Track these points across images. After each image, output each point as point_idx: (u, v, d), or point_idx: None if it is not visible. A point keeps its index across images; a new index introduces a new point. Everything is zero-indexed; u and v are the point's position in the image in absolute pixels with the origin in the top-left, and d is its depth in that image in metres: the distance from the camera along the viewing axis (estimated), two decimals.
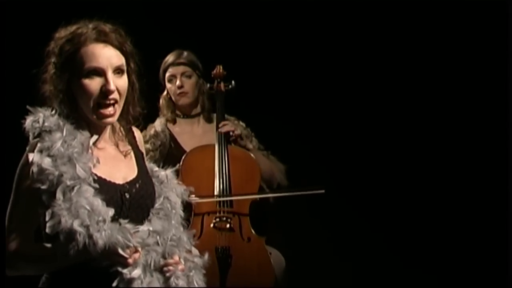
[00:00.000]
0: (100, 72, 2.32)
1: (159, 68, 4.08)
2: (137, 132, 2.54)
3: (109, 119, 2.35)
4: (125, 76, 2.37)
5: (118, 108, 2.36)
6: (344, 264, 4.72)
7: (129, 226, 2.25)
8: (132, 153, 2.46)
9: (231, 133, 3.99)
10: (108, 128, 2.42)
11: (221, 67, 4.12)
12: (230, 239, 3.81)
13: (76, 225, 2.19)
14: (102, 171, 2.32)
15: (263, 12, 4.68)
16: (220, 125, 4.02)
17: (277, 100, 4.72)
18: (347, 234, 4.71)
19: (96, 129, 2.39)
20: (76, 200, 2.21)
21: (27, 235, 2.30)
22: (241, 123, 4.14)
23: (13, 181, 2.31)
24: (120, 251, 2.20)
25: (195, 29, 4.54)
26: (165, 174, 2.53)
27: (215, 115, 4.11)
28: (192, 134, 4.11)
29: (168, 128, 4.09)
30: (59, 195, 2.21)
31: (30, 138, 2.32)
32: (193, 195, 3.54)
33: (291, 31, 4.76)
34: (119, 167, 2.40)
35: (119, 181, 2.36)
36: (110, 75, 2.32)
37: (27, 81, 2.40)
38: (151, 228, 2.35)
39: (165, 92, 4.10)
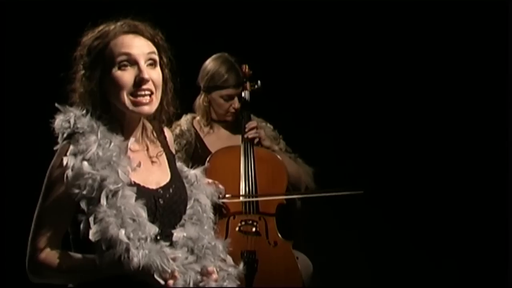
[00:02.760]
0: (132, 62, 2.23)
1: (198, 70, 3.97)
2: (168, 133, 2.46)
3: (146, 108, 2.24)
4: (158, 69, 2.28)
5: (155, 100, 2.26)
6: (372, 269, 4.66)
7: (168, 250, 2.15)
8: (164, 156, 2.38)
9: (254, 134, 3.91)
10: (140, 130, 2.33)
11: (247, 67, 4.03)
12: (256, 243, 3.72)
13: (121, 235, 2.10)
14: (135, 176, 2.23)
15: (291, 11, 4.64)
16: (246, 126, 3.93)
17: (305, 101, 4.66)
18: (375, 238, 4.66)
19: (129, 130, 2.30)
20: (123, 207, 2.13)
21: (57, 242, 2.20)
22: (268, 125, 4.06)
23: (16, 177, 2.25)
24: (155, 276, 2.11)
25: (220, 28, 4.48)
26: (194, 174, 2.44)
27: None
28: (219, 135, 4.04)
29: (194, 127, 4.00)
30: (103, 200, 2.12)
31: (59, 138, 2.23)
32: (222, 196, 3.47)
33: (319, 30, 4.71)
34: (151, 171, 2.32)
35: (152, 186, 2.28)
36: (143, 64, 2.23)
37: (53, 83, 2.32)
38: (185, 234, 2.27)
39: (205, 100, 3.97)
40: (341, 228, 4.65)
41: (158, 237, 2.18)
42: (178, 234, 2.27)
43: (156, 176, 2.31)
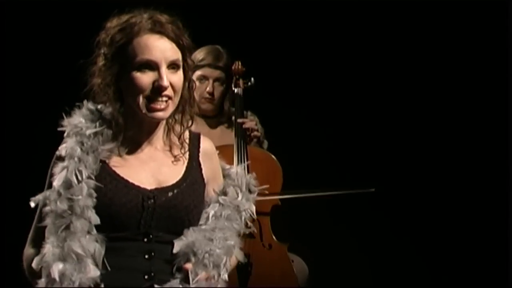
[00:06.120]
0: (153, 66, 2.16)
1: None
2: (204, 143, 2.36)
3: (160, 114, 2.17)
4: (180, 72, 2.20)
5: (172, 105, 2.19)
6: (369, 272, 4.63)
7: None
8: (186, 161, 2.28)
9: (251, 133, 3.80)
10: (162, 128, 2.26)
11: (239, 63, 3.93)
12: (250, 246, 3.62)
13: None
14: (127, 172, 2.18)
15: (284, 8, 4.60)
16: (242, 123, 3.83)
17: (299, 97, 4.62)
18: (371, 241, 4.63)
19: (152, 127, 2.23)
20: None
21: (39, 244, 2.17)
22: (256, 118, 3.98)
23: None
24: None
25: (213, 25, 4.36)
26: (235, 171, 2.42)
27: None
28: (210, 134, 3.90)
29: None
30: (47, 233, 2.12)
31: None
32: None
33: (313, 27, 4.67)
34: (158, 171, 2.23)
35: (148, 185, 2.19)
36: (164, 69, 2.16)
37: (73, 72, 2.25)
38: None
39: None
40: (337, 229, 4.61)
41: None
42: None
43: (162, 176, 2.22)
